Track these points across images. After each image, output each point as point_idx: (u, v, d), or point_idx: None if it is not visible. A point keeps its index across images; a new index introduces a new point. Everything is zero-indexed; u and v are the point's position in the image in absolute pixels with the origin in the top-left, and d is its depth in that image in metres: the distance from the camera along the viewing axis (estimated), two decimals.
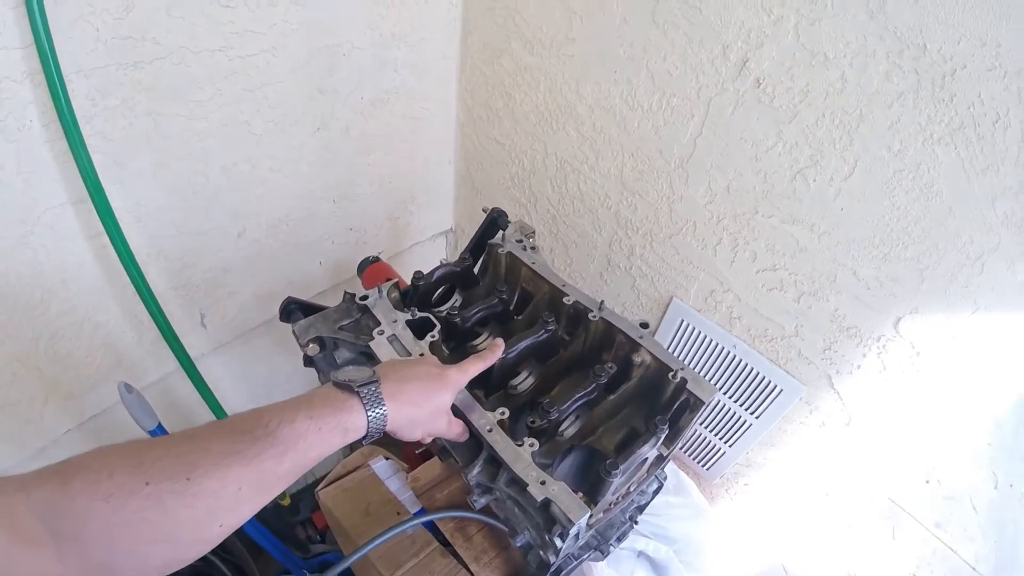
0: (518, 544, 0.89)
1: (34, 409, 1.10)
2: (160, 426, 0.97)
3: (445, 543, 1.16)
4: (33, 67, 0.82)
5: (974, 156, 0.79)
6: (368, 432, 0.59)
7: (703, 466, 1.39)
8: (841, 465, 1.19)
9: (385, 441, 1.87)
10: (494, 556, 1.15)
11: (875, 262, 0.94)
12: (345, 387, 0.59)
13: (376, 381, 0.60)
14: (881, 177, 0.88)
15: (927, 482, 1.23)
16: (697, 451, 1.38)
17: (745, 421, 1.23)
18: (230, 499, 0.48)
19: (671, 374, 0.81)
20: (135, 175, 1.02)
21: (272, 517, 1.46)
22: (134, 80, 0.93)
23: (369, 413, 0.58)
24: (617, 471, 0.71)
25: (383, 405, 0.59)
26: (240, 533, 1.32)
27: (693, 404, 0.81)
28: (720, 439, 1.31)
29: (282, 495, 1.51)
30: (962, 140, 0.79)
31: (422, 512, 1.13)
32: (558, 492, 0.68)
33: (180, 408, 1.34)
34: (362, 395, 0.58)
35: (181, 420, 1.20)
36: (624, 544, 1.19)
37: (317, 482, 1.27)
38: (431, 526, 1.18)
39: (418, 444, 0.91)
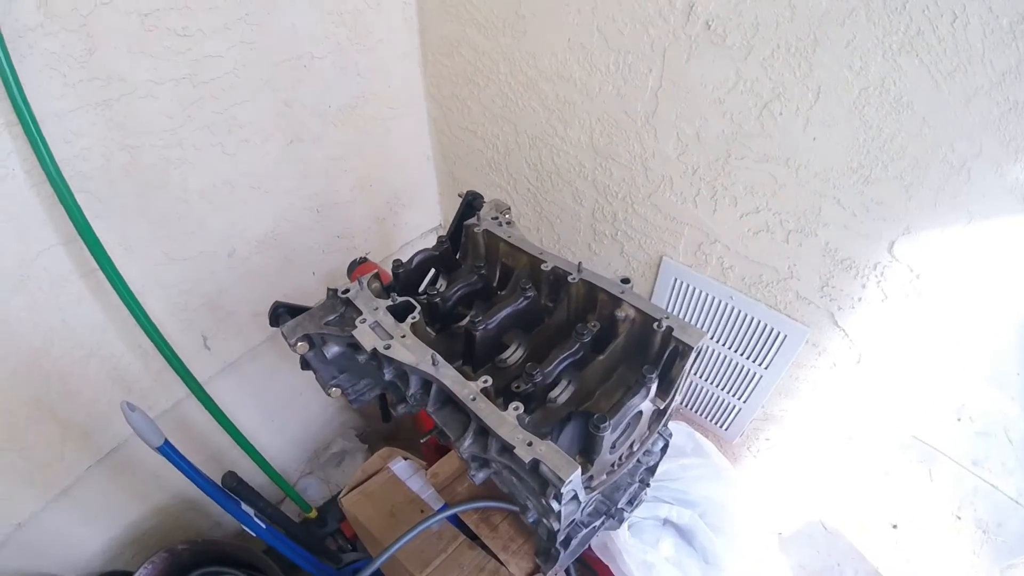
0: (529, 520, 0.88)
1: (53, 450, 1.13)
2: (167, 442, 0.99)
3: (472, 536, 1.16)
4: (9, 119, 0.85)
5: (938, 60, 0.77)
6: None
7: (721, 426, 1.37)
8: (859, 406, 1.17)
9: (402, 436, 1.88)
10: (522, 543, 1.15)
11: (857, 187, 0.92)
12: None
13: None
14: (847, 99, 0.87)
15: (959, 420, 1.19)
16: (711, 411, 1.36)
17: (755, 373, 1.21)
18: None
19: (655, 324, 0.80)
20: (119, 209, 1.05)
21: (302, 532, 1.47)
22: (106, 118, 0.97)
23: None
24: (606, 424, 0.70)
25: None
26: (272, 550, 1.34)
27: (683, 351, 0.79)
28: (733, 395, 1.28)
29: (307, 508, 1.53)
30: (923, 46, 0.77)
31: (445, 507, 1.13)
32: (545, 451, 0.67)
33: (195, 434, 1.37)
34: None
35: (198, 446, 1.23)
36: (647, 513, 1.17)
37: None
38: (456, 520, 1.18)
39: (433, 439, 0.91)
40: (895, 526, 1.94)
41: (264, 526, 1.23)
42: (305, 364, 0.96)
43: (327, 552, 1.57)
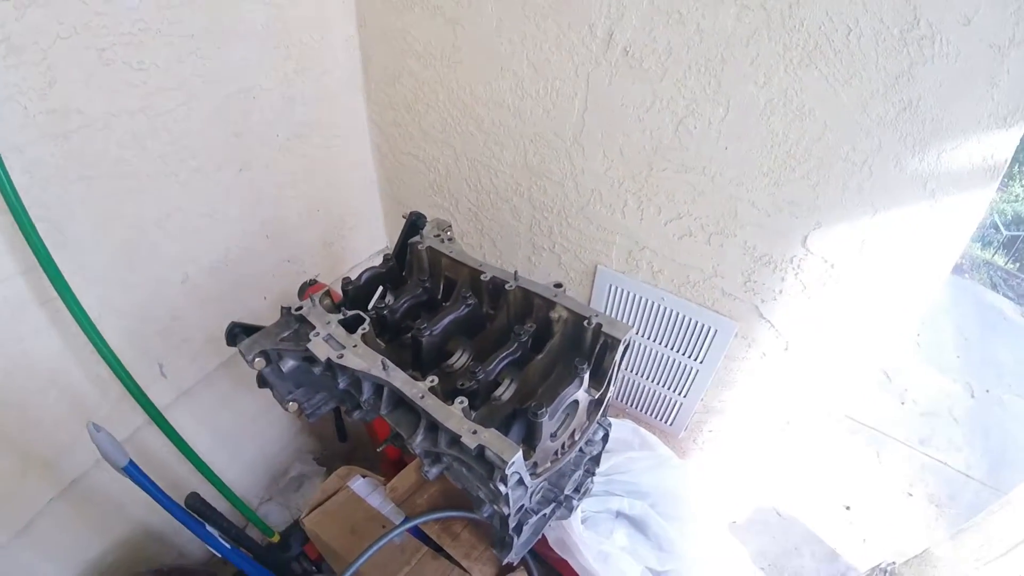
0: (484, 515, 0.94)
1: (13, 483, 1.12)
2: (132, 462, 1.00)
3: (436, 547, 1.19)
4: None
5: (835, 71, 0.86)
6: None
7: (665, 422, 1.44)
8: (791, 391, 1.25)
9: (359, 457, 1.89)
10: (484, 550, 1.19)
11: (769, 189, 1.01)
12: None
13: None
14: (754, 111, 0.96)
15: (903, 403, 1.27)
16: (655, 408, 1.44)
17: (691, 368, 1.29)
18: None
19: (586, 322, 0.87)
20: (77, 238, 1.07)
21: (267, 556, 1.47)
22: (64, 149, 0.99)
23: None
24: (543, 410, 0.76)
25: None
26: (241, 573, 1.34)
27: (611, 344, 0.86)
28: (673, 391, 1.36)
29: (270, 532, 1.53)
30: (821, 58, 0.86)
31: (406, 520, 1.17)
32: (489, 437, 0.73)
33: (155, 462, 1.37)
34: None
35: (158, 473, 1.22)
36: (599, 507, 1.23)
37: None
38: (418, 532, 1.21)
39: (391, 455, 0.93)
40: (848, 508, 2.05)
41: (229, 547, 1.24)
42: (262, 381, 0.99)
43: (292, 575, 1.58)
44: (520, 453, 0.73)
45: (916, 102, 0.83)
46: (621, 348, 0.86)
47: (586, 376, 0.83)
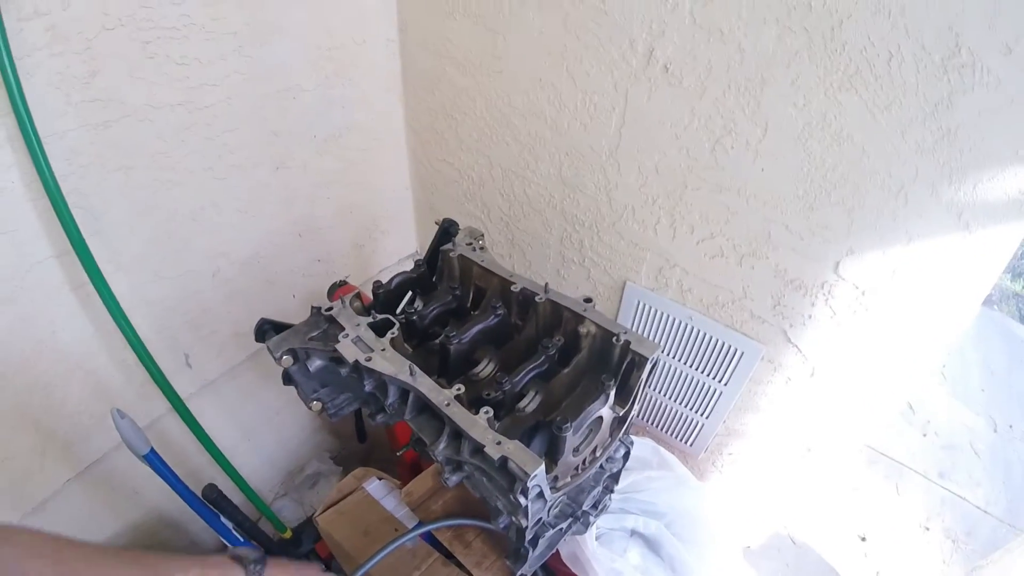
0: (501, 526, 0.93)
1: (33, 462, 1.14)
2: (153, 450, 1.02)
3: (447, 554, 1.19)
4: (12, 133, 0.89)
5: (875, 96, 0.85)
6: None
7: (685, 442, 1.43)
8: (815, 418, 1.23)
9: (376, 458, 1.90)
10: (495, 560, 1.18)
11: (803, 213, 1.00)
12: (237, 559, 0.72)
13: (262, 562, 0.74)
14: (792, 133, 0.95)
15: (924, 435, 1.25)
16: (676, 428, 1.42)
17: (715, 390, 1.28)
18: None
19: (614, 338, 0.86)
20: (112, 226, 1.09)
21: (278, 550, 1.48)
22: (104, 138, 1.02)
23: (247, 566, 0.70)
24: (568, 425, 0.76)
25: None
26: None
27: (639, 362, 0.86)
28: (695, 412, 1.35)
29: (283, 528, 1.54)
30: (861, 83, 0.85)
31: (419, 525, 1.17)
32: (513, 449, 0.73)
33: (174, 451, 1.38)
34: (248, 569, 0.71)
35: (176, 462, 1.24)
36: (614, 524, 1.22)
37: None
38: (430, 538, 1.21)
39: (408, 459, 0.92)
40: (864, 539, 2.01)
41: (242, 540, 1.25)
42: (287, 379, 1.00)
43: None
44: (543, 466, 0.72)
45: (955, 130, 0.82)
46: (648, 367, 0.85)
47: (612, 393, 0.83)
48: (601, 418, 0.84)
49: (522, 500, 0.75)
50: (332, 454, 1.99)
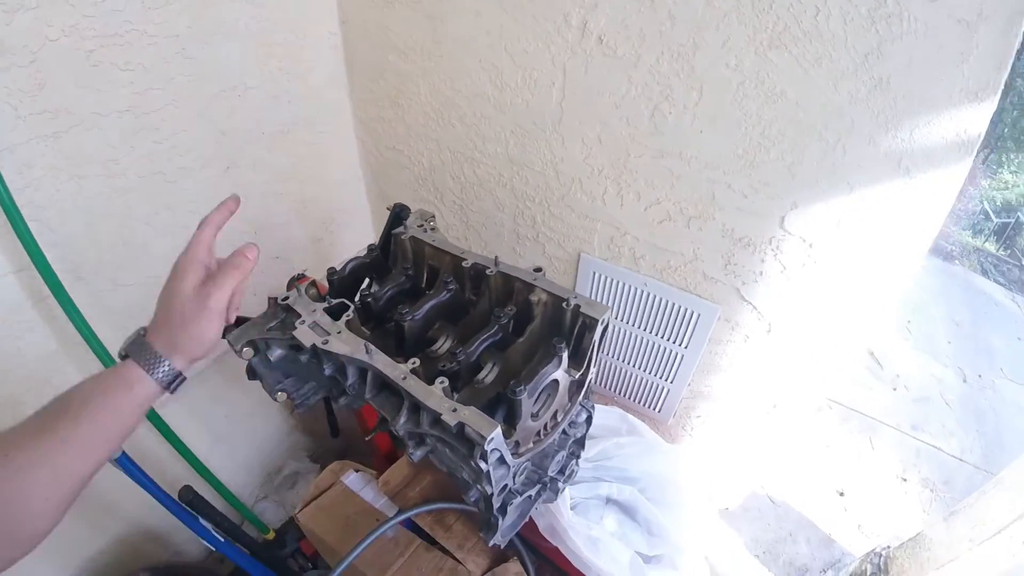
0: (472, 499, 0.95)
1: None
2: (125, 454, 1.02)
3: (429, 539, 1.20)
4: None
5: (804, 51, 0.87)
6: (152, 373, 0.67)
7: (653, 409, 1.46)
8: (776, 374, 1.26)
9: (353, 453, 1.90)
10: (476, 541, 1.20)
11: (745, 171, 1.03)
12: (122, 353, 0.68)
13: (141, 332, 0.71)
14: (727, 94, 0.97)
15: (895, 389, 1.28)
16: (642, 395, 1.45)
17: (676, 354, 1.30)
18: (44, 473, 0.55)
19: (564, 303, 0.89)
20: (69, 237, 1.09)
21: (263, 553, 1.49)
22: (55, 149, 1.01)
23: (140, 360, 0.67)
24: (522, 388, 0.78)
25: (152, 349, 0.68)
26: (237, 570, 1.35)
27: (590, 324, 0.88)
28: (659, 377, 1.37)
29: (265, 529, 1.54)
30: (790, 39, 0.88)
31: (398, 513, 1.18)
32: (469, 415, 0.75)
33: (150, 459, 1.38)
34: (129, 347, 0.68)
35: (153, 471, 1.24)
36: (588, 493, 1.24)
37: None
38: (411, 524, 1.22)
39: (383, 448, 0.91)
40: (842, 494, 2.07)
41: (223, 540, 1.25)
42: (252, 372, 1.01)
43: (288, 571, 1.59)
44: (499, 429, 0.74)
45: (887, 80, 0.84)
46: (600, 328, 0.87)
47: (564, 355, 0.84)
48: (556, 382, 0.86)
49: (483, 465, 0.77)
50: (308, 452, 1.99)
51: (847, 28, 0.83)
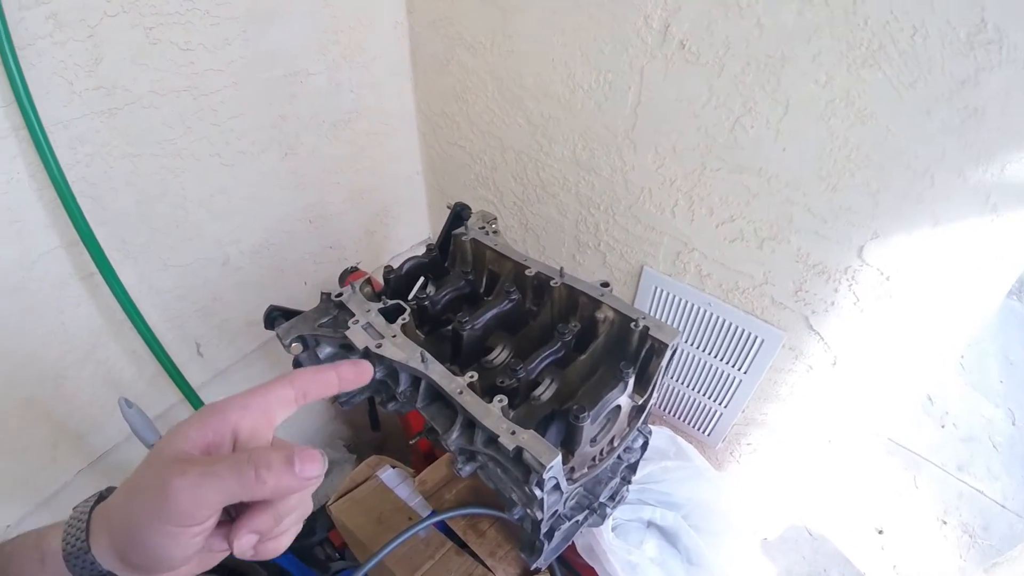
0: (515, 517, 0.91)
1: (45, 453, 1.14)
2: (157, 433, 1.01)
3: (460, 543, 1.17)
4: (16, 123, 0.88)
5: (899, 72, 0.81)
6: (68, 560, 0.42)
7: (703, 432, 1.40)
8: (836, 408, 1.20)
9: (390, 447, 1.88)
10: (509, 549, 1.17)
11: (826, 194, 0.96)
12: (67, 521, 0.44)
13: (92, 501, 0.45)
14: (814, 111, 0.91)
15: (943, 427, 1.21)
16: (693, 417, 1.39)
17: (734, 378, 1.25)
18: None
19: (632, 324, 0.84)
20: (119, 215, 1.08)
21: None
22: (109, 126, 1.00)
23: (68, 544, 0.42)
24: (584, 414, 0.73)
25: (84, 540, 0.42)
26: None
27: (658, 348, 0.83)
28: (713, 400, 1.32)
29: None
30: (884, 59, 0.81)
31: (432, 514, 1.16)
32: (528, 439, 0.71)
33: None
34: (70, 520, 0.44)
35: None
36: (631, 515, 1.20)
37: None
38: (443, 527, 1.19)
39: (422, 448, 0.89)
40: (881, 531, 1.98)
41: None
42: (297, 366, 0.99)
43: (316, 560, 1.58)
44: (559, 457, 0.70)
45: (982, 109, 0.78)
46: (668, 353, 0.83)
47: (631, 381, 0.80)
48: (619, 407, 0.82)
49: (537, 492, 0.73)
50: (346, 442, 1.98)
51: (944, 52, 0.77)
